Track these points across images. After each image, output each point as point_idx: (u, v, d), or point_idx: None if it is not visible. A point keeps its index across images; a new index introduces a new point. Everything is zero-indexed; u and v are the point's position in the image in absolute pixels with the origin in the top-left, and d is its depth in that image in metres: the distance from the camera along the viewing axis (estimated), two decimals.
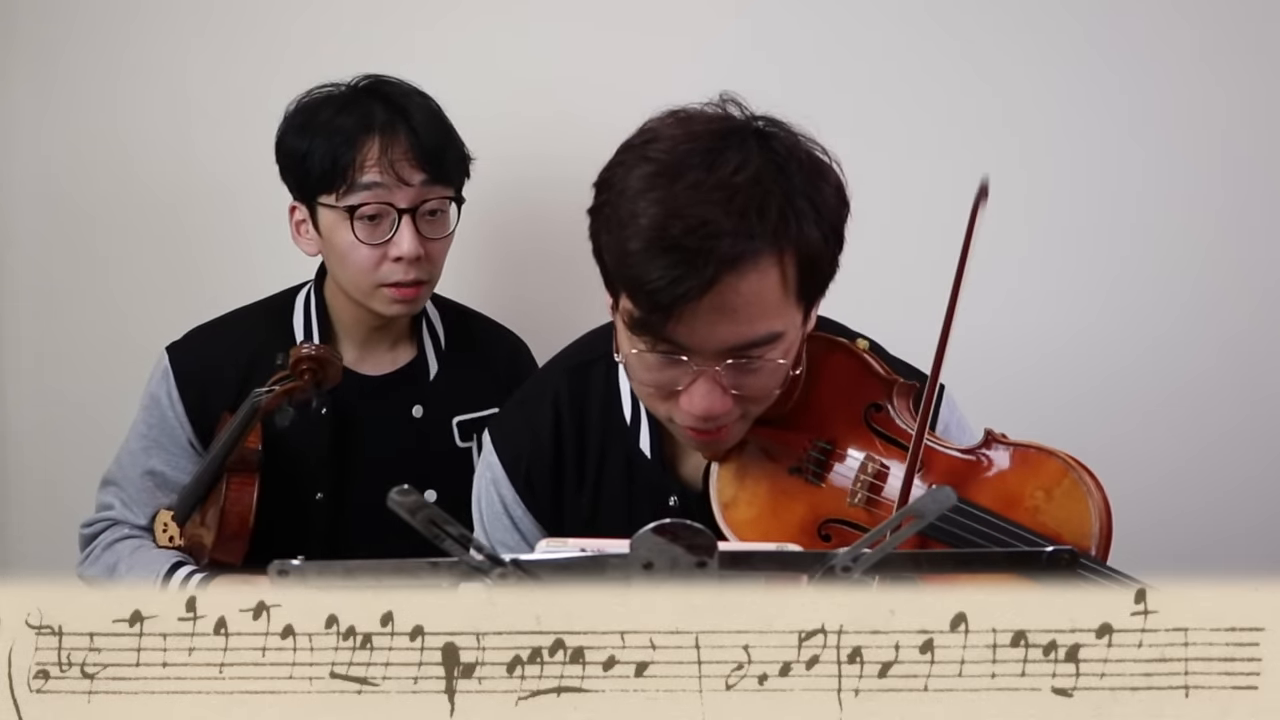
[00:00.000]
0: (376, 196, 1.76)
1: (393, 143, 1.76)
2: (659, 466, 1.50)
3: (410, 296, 1.82)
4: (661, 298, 1.24)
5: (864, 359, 1.42)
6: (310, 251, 1.86)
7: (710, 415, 1.32)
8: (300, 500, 1.86)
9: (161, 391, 1.88)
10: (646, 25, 2.17)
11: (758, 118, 1.33)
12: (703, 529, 0.91)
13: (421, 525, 0.91)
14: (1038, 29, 2.11)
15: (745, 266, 1.24)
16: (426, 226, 1.81)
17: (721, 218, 1.23)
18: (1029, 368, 2.18)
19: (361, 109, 1.78)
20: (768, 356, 1.31)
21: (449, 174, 1.83)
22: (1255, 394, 2.15)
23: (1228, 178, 2.12)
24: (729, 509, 1.39)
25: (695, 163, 1.25)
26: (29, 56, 2.30)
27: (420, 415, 1.92)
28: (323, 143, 1.76)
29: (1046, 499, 1.29)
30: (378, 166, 1.75)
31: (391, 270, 1.80)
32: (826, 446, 1.39)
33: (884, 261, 2.03)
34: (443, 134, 1.82)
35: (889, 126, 2.14)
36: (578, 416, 1.53)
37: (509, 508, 1.53)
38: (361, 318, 1.88)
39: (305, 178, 1.80)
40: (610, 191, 1.30)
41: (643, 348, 1.31)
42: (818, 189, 1.29)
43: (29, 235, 2.36)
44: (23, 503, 2.40)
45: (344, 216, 1.77)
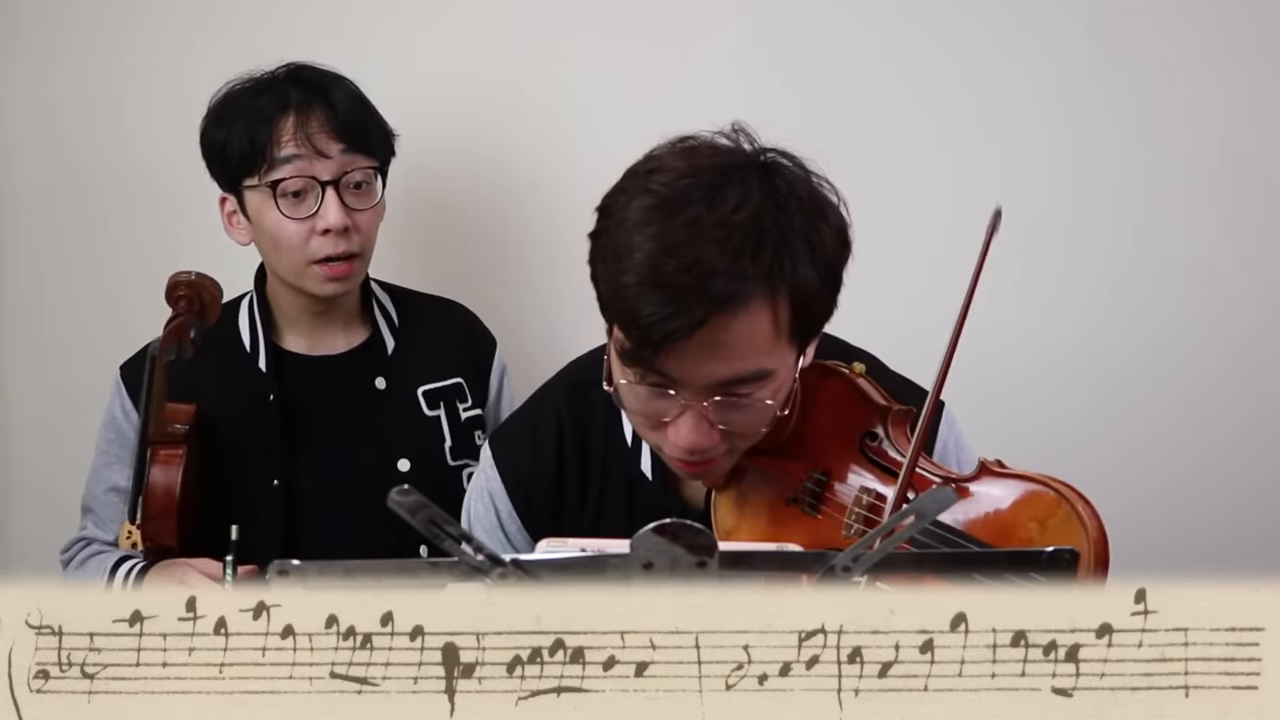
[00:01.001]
0: (297, 170, 1.77)
1: (308, 117, 1.78)
2: (661, 488, 1.50)
3: (343, 273, 1.83)
4: (652, 334, 1.24)
5: (859, 386, 1.41)
6: (243, 241, 1.87)
7: (696, 449, 1.32)
8: (256, 488, 1.86)
9: (115, 405, 1.90)
10: (637, 27, 2.17)
11: (766, 150, 1.32)
12: (703, 529, 0.91)
13: (421, 525, 0.91)
14: (1039, 27, 2.11)
15: (736, 307, 1.24)
16: (352, 198, 1.81)
17: (715, 257, 1.23)
18: (1032, 373, 2.17)
19: (276, 90, 1.80)
20: (756, 395, 1.30)
21: (370, 144, 1.83)
22: (1258, 400, 2.15)
23: (1229, 178, 2.12)
24: (729, 537, 1.39)
25: (695, 198, 1.25)
26: (29, 53, 2.30)
27: (384, 387, 1.93)
28: (240, 127, 1.78)
29: (1040, 531, 1.28)
30: (294, 140, 1.77)
31: (321, 245, 1.80)
32: (821, 477, 1.38)
33: (884, 262, 2.03)
34: (362, 109, 1.84)
35: (889, 126, 2.14)
36: (580, 435, 1.52)
37: (504, 522, 1.53)
38: (304, 304, 1.89)
39: (227, 165, 1.81)
40: (610, 219, 1.30)
41: (632, 378, 1.32)
42: (816, 229, 1.28)
43: (29, 234, 2.36)
44: (23, 502, 2.39)
45: (268, 195, 1.78)
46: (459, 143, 2.21)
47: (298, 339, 1.92)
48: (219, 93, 1.84)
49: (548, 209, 2.21)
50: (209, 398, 1.82)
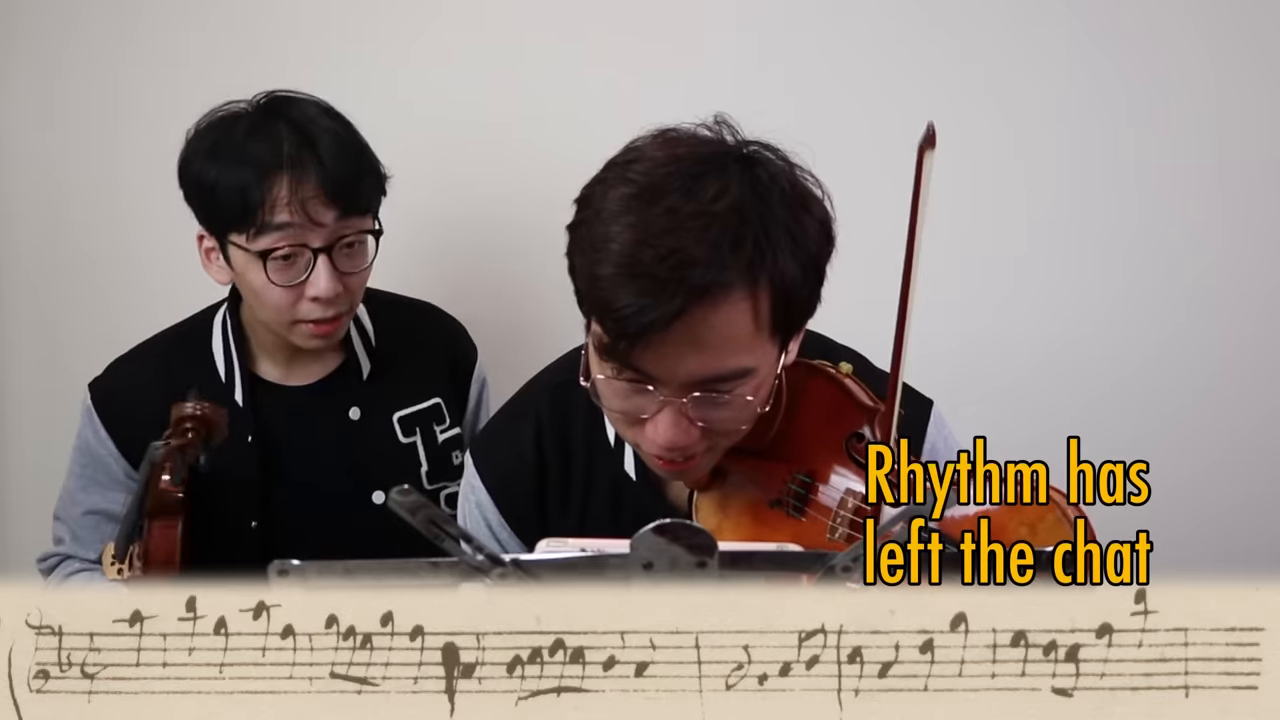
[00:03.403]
0: (289, 239, 1.69)
1: (302, 181, 1.68)
2: (645, 488, 1.47)
3: (328, 332, 1.77)
4: (629, 326, 1.21)
5: (845, 385, 1.38)
6: (222, 281, 1.80)
7: (674, 446, 1.29)
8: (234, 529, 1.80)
9: (88, 430, 1.84)
10: (634, 30, 2.17)
11: (749, 143, 1.29)
12: (702, 529, 0.91)
13: (421, 525, 0.91)
14: (1040, 27, 2.11)
15: (716, 298, 1.21)
16: (344, 261, 1.74)
17: (694, 247, 1.20)
18: (1031, 374, 2.17)
19: (268, 133, 1.71)
20: (737, 392, 1.27)
21: (363, 204, 1.75)
22: (1259, 403, 2.15)
23: (1231, 178, 2.12)
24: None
25: (674, 187, 1.22)
26: (30, 56, 2.31)
27: (358, 417, 1.87)
28: (230, 175, 1.69)
29: (1031, 534, 1.28)
30: (289, 209, 1.68)
31: (310, 309, 1.74)
32: (806, 479, 1.36)
33: (883, 263, 2.03)
34: (353, 161, 1.74)
35: (888, 126, 2.14)
36: (561, 437, 1.50)
37: (494, 530, 1.50)
38: (281, 342, 1.82)
39: (213, 211, 1.73)
40: (588, 210, 1.27)
41: (610, 374, 1.29)
42: (799, 221, 1.25)
43: (30, 234, 2.36)
44: (23, 502, 2.40)
45: (256, 258, 1.70)
46: (444, 151, 2.21)
47: (272, 368, 1.86)
48: (200, 124, 1.76)
49: (533, 216, 2.19)
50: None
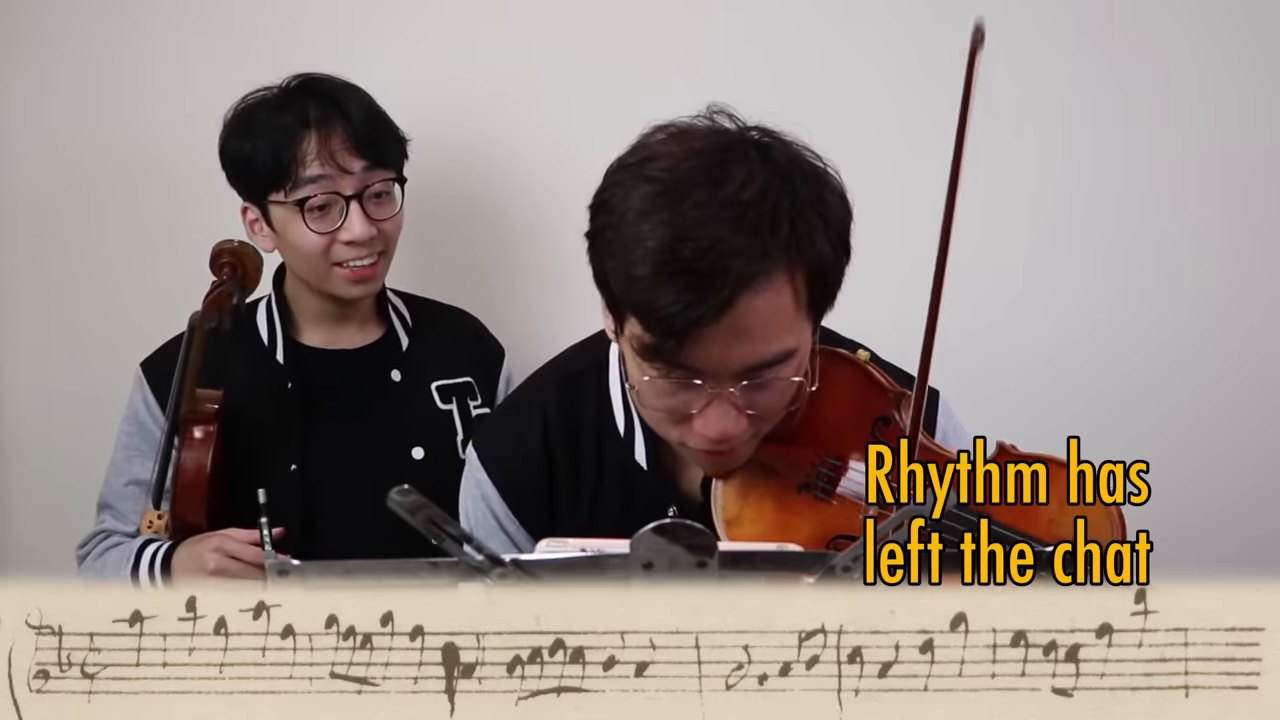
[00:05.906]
0: (323, 188, 1.84)
1: (329, 135, 1.84)
2: (656, 477, 1.47)
3: (368, 275, 1.90)
4: (675, 323, 1.20)
5: (868, 371, 1.40)
6: (267, 248, 1.94)
7: (726, 437, 1.29)
8: (274, 473, 1.89)
9: (138, 400, 1.94)
10: (639, 30, 2.18)
11: (751, 128, 1.29)
12: (703, 529, 0.91)
13: (421, 525, 0.91)
14: (1041, 25, 2.11)
15: (759, 285, 1.21)
16: (375, 208, 1.88)
17: (733, 236, 1.19)
18: (1034, 373, 2.17)
19: (296, 106, 1.86)
20: (781, 374, 1.28)
21: (388, 157, 1.91)
22: (1260, 402, 2.15)
23: (1231, 179, 2.12)
24: (732, 526, 1.38)
25: (699, 180, 1.22)
26: (30, 53, 2.30)
27: (399, 379, 1.99)
28: (264, 143, 1.84)
29: (1060, 507, 1.28)
30: (319, 160, 1.83)
31: (345, 251, 1.87)
32: (835, 462, 1.37)
33: (885, 263, 2.03)
34: (377, 121, 1.91)
35: (889, 126, 2.14)
36: (569, 430, 1.49)
37: (503, 523, 1.50)
38: (323, 305, 1.96)
39: (252, 179, 1.88)
40: (610, 214, 1.26)
41: (655, 374, 1.28)
42: (823, 199, 1.26)
43: (30, 234, 2.36)
44: (23, 502, 2.40)
45: (295, 210, 1.85)
46: (459, 148, 2.21)
47: (315, 335, 1.99)
48: (237, 106, 1.89)
49: (551, 215, 2.21)
50: (229, 390, 1.87)
